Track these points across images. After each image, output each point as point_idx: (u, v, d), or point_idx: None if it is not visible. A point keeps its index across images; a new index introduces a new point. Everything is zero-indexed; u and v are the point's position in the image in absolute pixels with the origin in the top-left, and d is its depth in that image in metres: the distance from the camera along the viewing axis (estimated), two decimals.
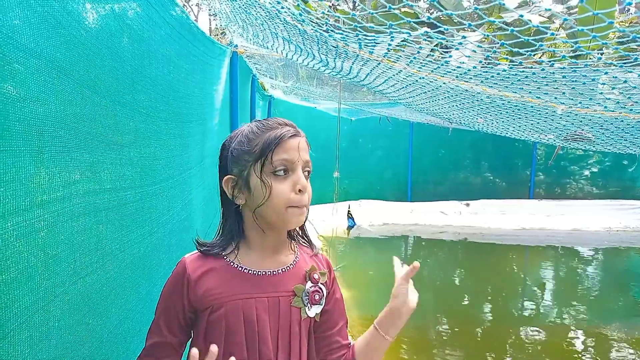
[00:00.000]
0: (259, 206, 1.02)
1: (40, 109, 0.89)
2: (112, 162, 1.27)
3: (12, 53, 0.80)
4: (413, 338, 4.22)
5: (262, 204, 1.01)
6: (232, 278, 1.04)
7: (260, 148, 1.02)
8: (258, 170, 1.02)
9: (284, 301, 1.06)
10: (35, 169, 0.89)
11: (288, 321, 1.06)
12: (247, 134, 1.06)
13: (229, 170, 1.07)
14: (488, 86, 2.18)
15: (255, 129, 1.06)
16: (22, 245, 0.84)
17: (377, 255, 6.99)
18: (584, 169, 9.87)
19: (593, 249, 7.66)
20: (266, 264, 1.08)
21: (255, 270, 1.06)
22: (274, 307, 1.05)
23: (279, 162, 1.01)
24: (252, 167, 1.03)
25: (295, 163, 1.03)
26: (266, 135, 1.03)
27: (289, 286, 1.08)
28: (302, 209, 1.03)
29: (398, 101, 4.21)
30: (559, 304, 5.18)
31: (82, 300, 1.07)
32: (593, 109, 2.21)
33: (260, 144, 1.02)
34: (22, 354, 0.83)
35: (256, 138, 1.04)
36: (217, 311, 1.01)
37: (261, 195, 1.01)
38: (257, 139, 1.03)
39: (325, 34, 1.66)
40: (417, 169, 10.06)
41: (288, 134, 1.03)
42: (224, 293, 1.02)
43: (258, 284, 1.05)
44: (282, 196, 1.01)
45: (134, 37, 1.44)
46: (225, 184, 1.07)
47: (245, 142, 1.04)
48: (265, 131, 1.04)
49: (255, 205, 1.03)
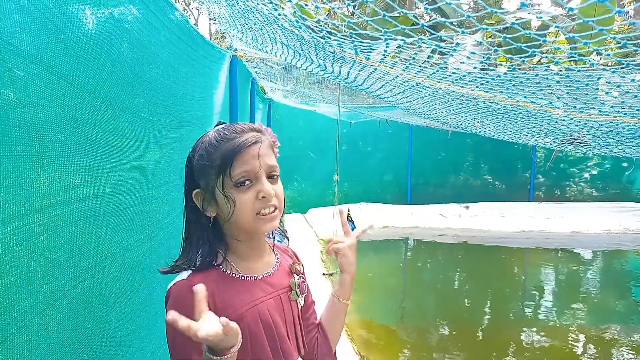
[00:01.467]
0: (227, 220, 1.02)
1: (40, 114, 0.90)
2: (112, 166, 1.28)
3: (11, 59, 0.81)
4: (413, 341, 4.22)
5: (229, 218, 1.01)
6: (239, 287, 1.04)
7: (220, 162, 1.00)
8: (220, 186, 1.00)
9: (284, 298, 1.11)
10: (35, 174, 0.89)
11: (291, 315, 1.12)
12: (207, 146, 1.03)
13: (195, 183, 1.05)
14: (484, 91, 2.19)
15: (213, 140, 1.03)
16: (22, 250, 0.85)
17: (377, 258, 6.99)
18: (583, 172, 9.88)
19: (593, 251, 7.66)
20: (259, 267, 1.10)
21: (254, 275, 1.08)
22: (279, 305, 1.09)
23: (239, 174, 0.99)
24: (215, 182, 1.01)
25: (257, 172, 1.01)
26: (224, 148, 1.00)
27: (284, 282, 1.13)
28: (271, 214, 1.03)
29: (396, 105, 4.22)
30: (559, 306, 5.18)
31: (81, 304, 1.08)
32: (588, 112, 2.21)
33: (219, 157, 1.00)
34: (22, 358, 0.84)
35: (215, 151, 1.01)
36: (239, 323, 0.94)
37: (227, 209, 1.00)
38: (216, 152, 1.01)
39: (322, 40, 1.67)
40: (417, 172, 10.06)
41: (245, 144, 1.00)
42: (239, 303, 1.02)
43: (261, 287, 1.07)
44: (248, 207, 1.00)
45: (133, 42, 1.44)
46: (195, 197, 1.04)
47: (205, 156, 1.02)
48: (222, 143, 1.01)
49: (227, 216, 1.02)
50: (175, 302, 0.97)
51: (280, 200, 1.05)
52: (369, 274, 6.00)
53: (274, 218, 1.04)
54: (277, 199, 1.04)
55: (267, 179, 1.03)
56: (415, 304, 5.35)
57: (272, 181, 1.04)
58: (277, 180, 1.06)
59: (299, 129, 9.46)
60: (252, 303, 1.03)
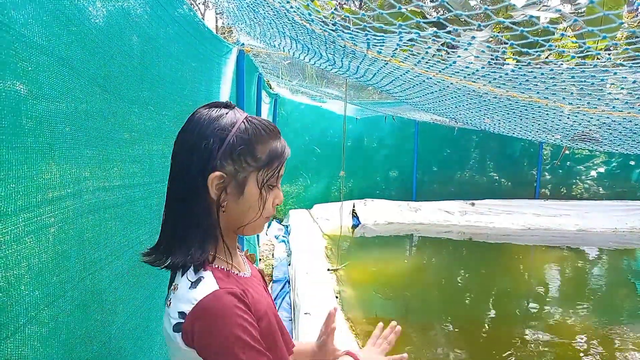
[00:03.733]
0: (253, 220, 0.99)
1: (52, 106, 0.90)
2: (121, 159, 1.28)
3: (24, 50, 0.81)
4: (418, 336, 4.22)
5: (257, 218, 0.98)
6: (250, 286, 1.00)
7: (268, 158, 0.96)
8: (260, 181, 0.95)
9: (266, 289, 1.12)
10: (46, 166, 0.89)
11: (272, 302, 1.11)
12: (252, 133, 0.94)
13: (217, 165, 0.91)
14: (496, 86, 2.18)
15: (259, 130, 0.95)
16: (33, 241, 0.85)
17: (382, 254, 6.99)
18: (590, 170, 9.82)
19: (599, 249, 7.62)
20: (243, 265, 1.07)
21: (246, 272, 1.06)
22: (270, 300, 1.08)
23: (278, 174, 1.00)
24: (252, 174, 0.95)
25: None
26: (273, 145, 0.97)
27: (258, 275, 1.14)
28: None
29: (405, 101, 4.20)
30: (564, 304, 5.16)
31: (91, 296, 1.08)
32: (601, 109, 2.20)
33: (268, 152, 0.96)
34: (33, 348, 0.84)
35: (263, 144, 0.95)
36: (262, 322, 0.94)
37: (252, 204, 0.96)
38: (264, 145, 0.95)
39: (334, 33, 1.66)
40: (423, 168, 10.03)
41: (289, 150, 1.02)
42: (258, 302, 0.96)
43: (255, 282, 1.06)
44: (268, 209, 1.01)
45: (142, 35, 1.44)
46: (211, 181, 0.91)
47: (248, 142, 0.93)
48: (269, 138, 0.97)
49: (241, 211, 0.96)
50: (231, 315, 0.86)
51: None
52: (374, 271, 6.01)
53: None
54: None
55: None
56: (420, 300, 5.35)
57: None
58: None
59: (305, 125, 9.44)
60: (264, 300, 1.00)
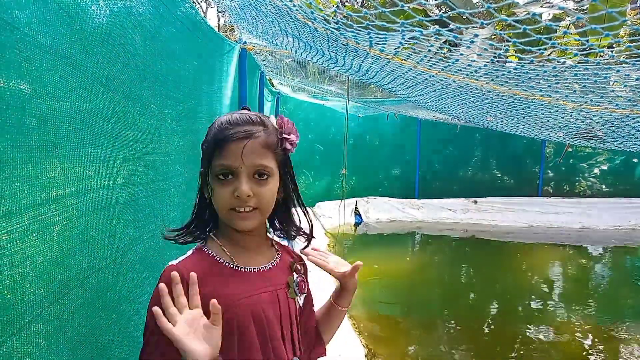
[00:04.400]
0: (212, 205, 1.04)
1: (56, 105, 0.91)
2: (124, 157, 1.29)
3: (28, 50, 0.82)
4: (420, 334, 4.22)
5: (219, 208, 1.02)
6: (232, 278, 1.02)
7: (208, 150, 1.01)
8: (208, 172, 1.02)
9: (282, 294, 1.08)
10: (50, 164, 0.90)
11: (288, 312, 1.08)
12: (210, 130, 1.04)
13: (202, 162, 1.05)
14: (498, 84, 2.17)
15: (216, 127, 1.02)
16: (38, 239, 0.86)
17: (384, 252, 6.99)
18: (593, 167, 9.79)
19: (602, 247, 7.61)
20: (257, 259, 1.08)
21: (250, 268, 1.05)
22: (274, 301, 1.05)
23: (217, 167, 0.99)
24: (210, 169, 1.02)
25: (236, 169, 0.98)
26: (215, 137, 1.00)
27: (282, 279, 1.10)
28: (245, 213, 1.00)
29: (407, 99, 4.19)
30: (567, 302, 5.15)
31: (95, 294, 1.09)
32: (604, 106, 2.19)
33: (210, 145, 1.01)
34: (38, 345, 0.84)
35: (210, 138, 1.02)
36: (226, 314, 0.95)
37: (214, 198, 1.01)
38: (210, 139, 1.01)
39: (337, 32, 1.66)
40: (425, 166, 10.02)
41: (232, 137, 0.98)
42: (230, 294, 0.98)
43: (256, 280, 1.04)
44: (222, 201, 0.99)
45: (145, 34, 1.45)
46: (200, 175, 1.07)
47: (206, 139, 1.03)
48: (217, 131, 1.01)
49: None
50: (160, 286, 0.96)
51: (261, 201, 1.01)
52: (376, 268, 6.01)
53: (248, 217, 1.00)
54: (258, 200, 1.00)
55: (254, 177, 1.00)
56: (422, 298, 5.35)
57: (259, 181, 1.00)
58: (266, 180, 1.02)
59: (307, 123, 9.43)
60: (243, 294, 1.00)
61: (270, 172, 1.02)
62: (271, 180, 1.03)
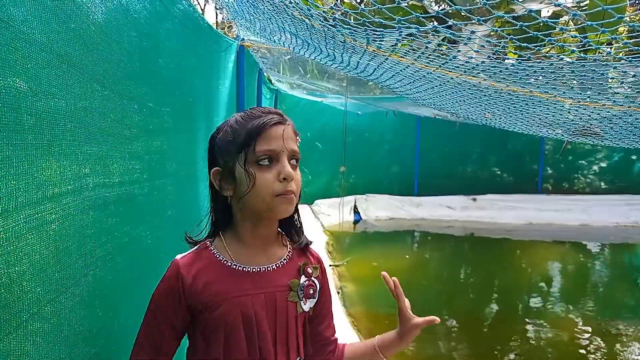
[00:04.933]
0: (243, 196, 1.01)
1: (51, 103, 0.90)
2: (121, 155, 1.28)
3: (23, 47, 0.81)
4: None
5: (246, 193, 1.00)
6: (228, 276, 1.02)
7: (243, 138, 1.00)
8: (242, 161, 1.00)
9: (280, 296, 1.05)
10: (46, 162, 0.90)
11: (285, 316, 1.06)
12: (232, 124, 1.04)
13: (216, 162, 1.06)
14: (496, 81, 2.17)
15: (239, 118, 1.04)
16: (34, 238, 0.85)
17: (383, 249, 6.99)
18: (592, 164, 9.79)
19: (601, 244, 7.62)
20: (259, 260, 1.07)
21: (250, 267, 1.05)
22: (270, 303, 1.04)
23: (262, 151, 0.99)
24: (236, 158, 1.01)
25: (279, 153, 1.00)
26: (249, 125, 1.01)
27: (284, 281, 1.07)
28: (289, 196, 1.00)
29: (405, 96, 4.19)
30: (566, 299, 5.16)
31: (92, 292, 1.08)
32: (602, 103, 2.19)
33: (244, 133, 1.00)
34: (35, 344, 0.84)
35: (240, 128, 1.02)
36: (216, 310, 1.00)
37: (245, 185, 1.00)
38: (241, 129, 1.02)
39: (333, 28, 1.66)
40: (424, 163, 10.02)
41: (271, 122, 1.01)
42: (222, 292, 1.00)
43: (253, 280, 1.04)
44: (267, 186, 0.99)
45: (141, 31, 1.44)
46: (213, 177, 1.06)
47: (230, 133, 1.03)
48: (248, 120, 1.02)
49: (245, 194, 1.01)
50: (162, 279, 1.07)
51: (298, 187, 1.03)
52: (375, 266, 6.01)
53: (291, 201, 1.02)
54: (296, 185, 1.02)
55: (290, 162, 1.02)
56: (421, 296, 5.35)
57: (293, 167, 1.03)
58: (297, 167, 1.05)
59: (305, 120, 9.40)
60: (234, 293, 1.01)
61: (299, 159, 1.06)
62: (298, 167, 1.06)
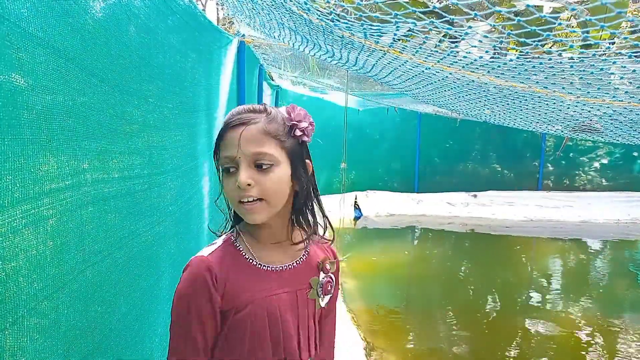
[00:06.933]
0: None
1: (49, 98, 0.90)
2: (120, 151, 1.28)
3: (20, 42, 0.81)
4: (419, 328, 4.23)
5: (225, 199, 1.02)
6: (253, 275, 1.01)
7: (216, 143, 1.00)
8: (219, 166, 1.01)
9: (300, 294, 1.05)
10: (44, 158, 0.89)
11: (306, 313, 1.05)
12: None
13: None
14: (495, 76, 2.16)
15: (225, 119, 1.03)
16: (32, 233, 0.85)
17: (384, 246, 6.99)
18: (593, 161, 9.79)
19: (601, 241, 7.62)
20: (279, 257, 1.05)
21: (273, 266, 1.03)
22: (293, 301, 1.03)
23: (223, 160, 0.98)
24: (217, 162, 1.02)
25: (236, 158, 0.95)
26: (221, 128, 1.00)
27: (305, 279, 1.06)
28: (250, 204, 0.96)
29: (405, 92, 4.18)
30: (566, 295, 5.17)
31: (91, 288, 1.08)
32: (602, 98, 2.18)
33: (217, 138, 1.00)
34: (32, 339, 0.84)
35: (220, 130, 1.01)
36: (242, 311, 0.97)
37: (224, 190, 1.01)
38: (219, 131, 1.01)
39: (331, 23, 1.65)
40: (425, 160, 10.01)
41: (230, 125, 0.97)
42: (248, 292, 0.98)
43: (277, 279, 1.02)
44: (229, 194, 0.99)
45: (141, 26, 1.44)
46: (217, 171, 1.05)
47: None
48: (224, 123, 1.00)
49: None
50: (190, 277, 0.96)
51: (266, 191, 0.96)
52: (376, 262, 6.02)
53: (253, 209, 0.96)
54: (261, 189, 0.95)
55: (255, 167, 0.95)
56: (422, 292, 5.36)
57: (260, 170, 0.95)
58: (269, 169, 0.96)
59: None
60: (261, 294, 0.99)
61: (273, 160, 0.96)
62: (276, 169, 0.97)
